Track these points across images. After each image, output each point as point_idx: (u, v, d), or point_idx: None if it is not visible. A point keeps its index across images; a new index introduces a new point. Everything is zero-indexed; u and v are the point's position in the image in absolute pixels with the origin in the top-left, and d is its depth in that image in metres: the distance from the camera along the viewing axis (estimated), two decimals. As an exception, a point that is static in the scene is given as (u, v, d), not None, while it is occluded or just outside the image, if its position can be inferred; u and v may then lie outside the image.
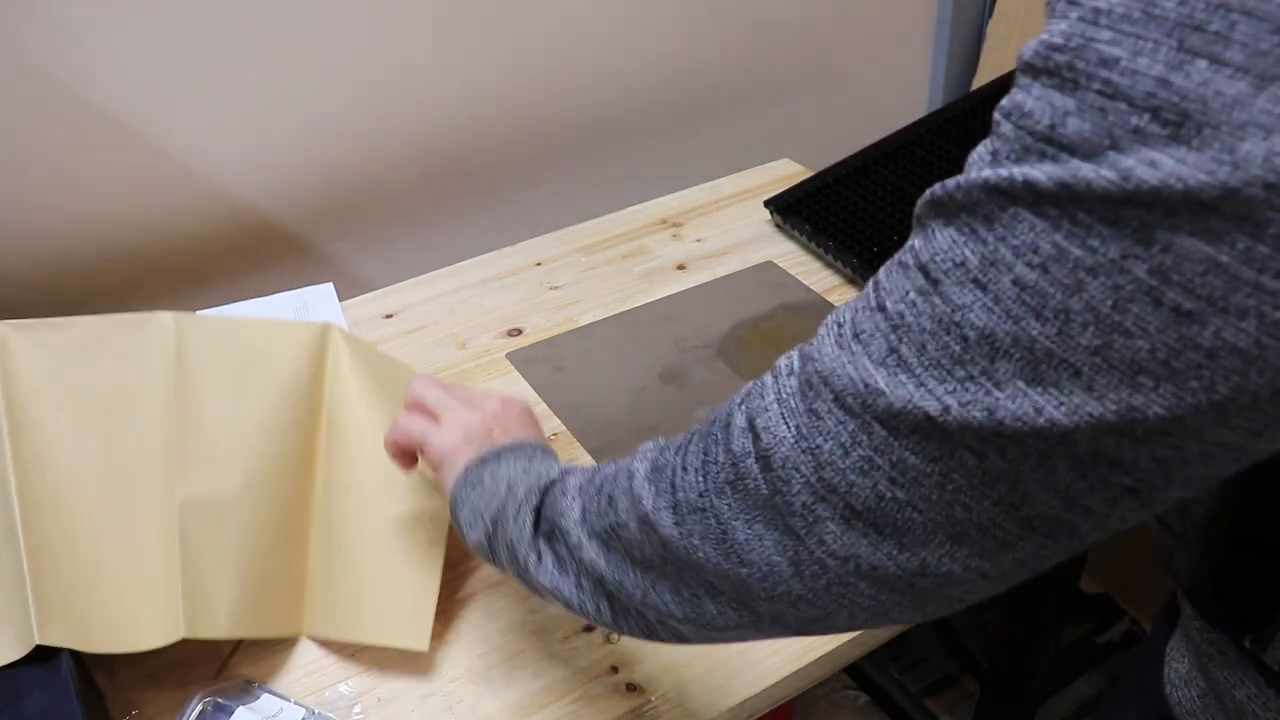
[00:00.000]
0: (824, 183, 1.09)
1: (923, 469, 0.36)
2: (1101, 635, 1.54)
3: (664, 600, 0.46)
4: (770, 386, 0.41)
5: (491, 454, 0.58)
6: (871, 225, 1.02)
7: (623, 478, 0.48)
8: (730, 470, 0.41)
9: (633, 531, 0.46)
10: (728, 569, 0.42)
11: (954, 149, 1.08)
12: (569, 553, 0.51)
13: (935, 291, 0.35)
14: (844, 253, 1.00)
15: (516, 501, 0.54)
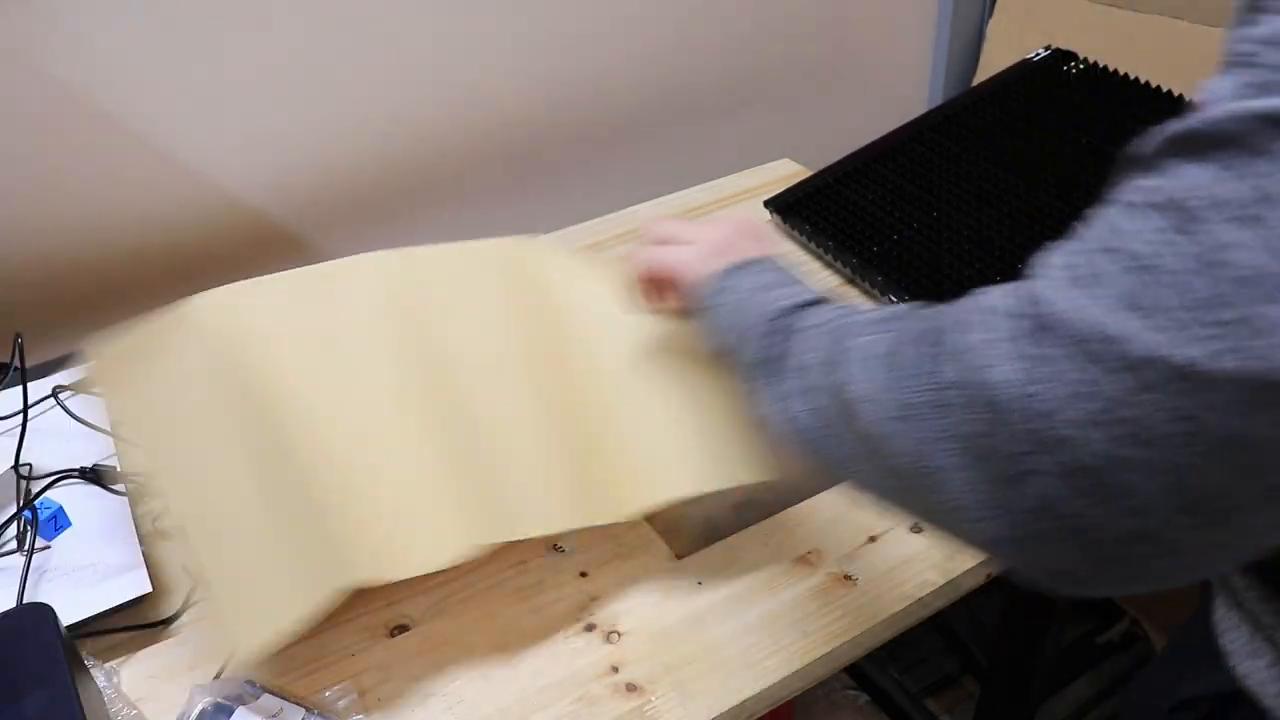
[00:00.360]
0: (823, 183, 1.09)
1: (1158, 419, 0.33)
2: (1101, 635, 1.54)
3: (861, 473, 0.46)
4: (1000, 326, 0.38)
5: (735, 267, 0.61)
6: (871, 225, 1.02)
7: (855, 338, 0.47)
8: (935, 395, 0.39)
9: (851, 401, 0.45)
10: (921, 486, 0.41)
11: (954, 146, 1.08)
12: (790, 390, 0.51)
13: (1192, 230, 0.32)
14: (843, 252, 1.00)
15: (753, 323, 0.56)
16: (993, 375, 0.37)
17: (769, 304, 0.57)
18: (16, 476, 0.76)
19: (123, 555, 0.71)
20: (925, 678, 1.51)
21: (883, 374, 0.43)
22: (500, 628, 0.69)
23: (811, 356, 0.50)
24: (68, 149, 0.98)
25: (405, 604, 0.71)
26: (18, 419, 0.78)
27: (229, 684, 0.63)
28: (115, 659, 0.67)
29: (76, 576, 0.70)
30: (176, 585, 0.72)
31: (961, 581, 0.72)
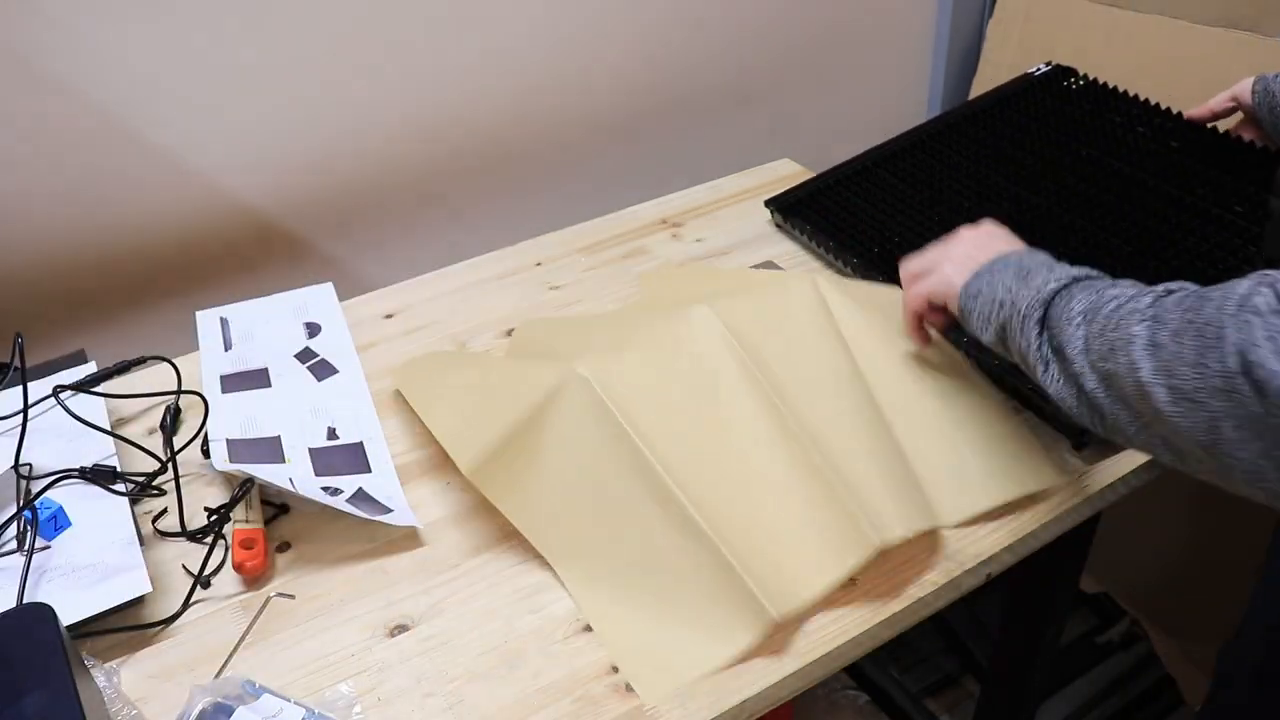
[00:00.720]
0: (825, 184, 1.10)
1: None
2: (1101, 635, 1.54)
3: (1152, 445, 0.55)
4: (1257, 325, 0.46)
5: (983, 268, 0.70)
6: (872, 226, 1.02)
7: (1124, 329, 0.55)
8: (1223, 381, 0.48)
9: (1129, 387, 0.54)
10: (1217, 452, 0.49)
11: (954, 154, 1.08)
12: (1071, 374, 0.60)
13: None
14: (844, 252, 1.00)
15: (1020, 314, 0.64)
16: (1261, 371, 0.45)
17: (1031, 295, 0.64)
18: (16, 476, 0.76)
19: (123, 555, 0.71)
20: (925, 678, 1.51)
21: (1169, 362, 0.51)
22: (500, 628, 0.69)
23: (1090, 344, 0.58)
24: (68, 149, 0.98)
25: (405, 604, 0.71)
26: (18, 419, 0.78)
27: (229, 684, 0.63)
28: (115, 659, 0.67)
29: (76, 576, 0.70)
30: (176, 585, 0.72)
31: (961, 581, 0.72)
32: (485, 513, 0.77)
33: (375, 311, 1.00)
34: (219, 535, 0.75)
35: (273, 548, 0.75)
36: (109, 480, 0.77)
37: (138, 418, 0.88)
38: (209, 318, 0.95)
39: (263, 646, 0.68)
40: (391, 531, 0.76)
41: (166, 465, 0.80)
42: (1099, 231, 0.93)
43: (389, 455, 0.82)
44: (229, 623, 0.70)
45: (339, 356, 0.92)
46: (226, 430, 0.81)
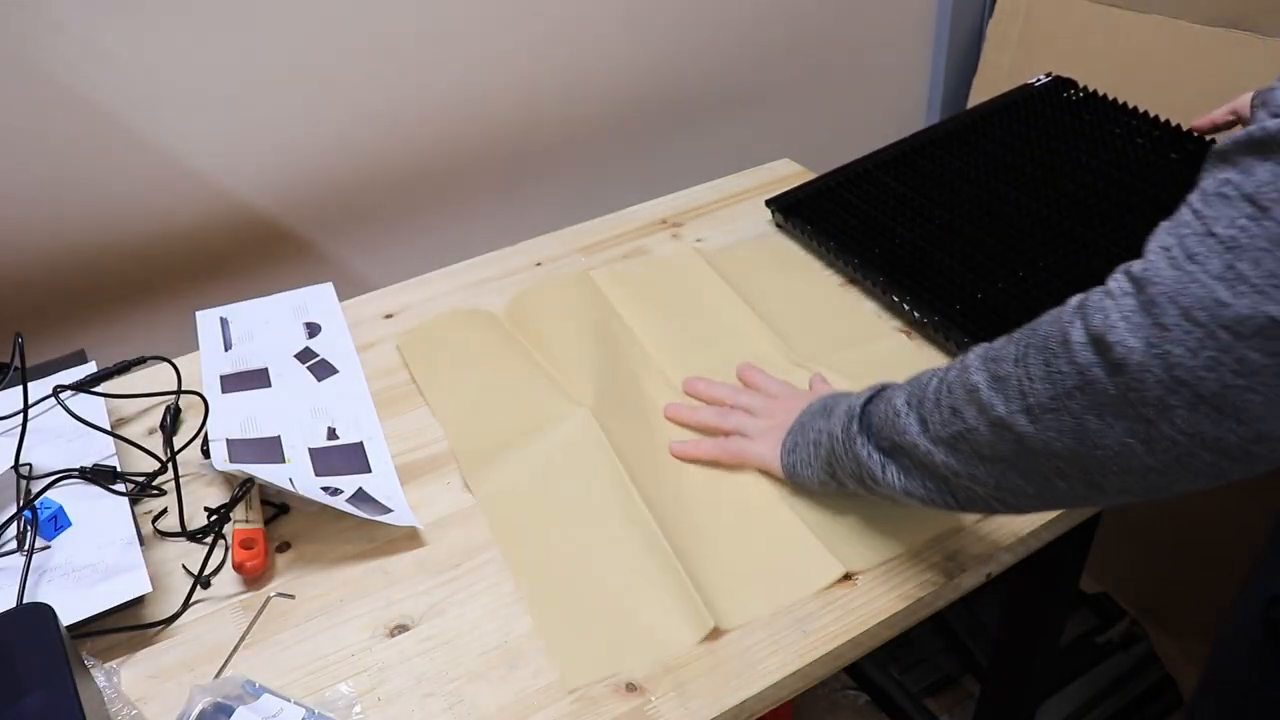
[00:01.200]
0: (825, 186, 1.10)
1: (1263, 362, 0.44)
2: (1101, 635, 1.54)
3: (1015, 484, 0.56)
4: (1111, 308, 0.48)
5: (793, 427, 0.75)
6: (873, 228, 1.02)
7: (959, 390, 0.58)
8: (1077, 378, 0.50)
9: (984, 435, 0.56)
10: (1083, 452, 0.51)
11: (954, 160, 1.08)
12: (915, 462, 0.62)
13: (1265, 217, 0.44)
14: (845, 252, 1.00)
15: (840, 438, 0.68)
16: (1119, 349, 0.47)
17: (843, 417, 0.68)
18: (16, 476, 0.76)
19: (123, 555, 0.71)
20: (925, 678, 1.51)
21: (1019, 387, 0.53)
22: (500, 628, 0.69)
23: (929, 421, 0.60)
24: (68, 149, 0.98)
25: (405, 604, 0.71)
26: (18, 419, 0.78)
27: (229, 684, 0.63)
28: (115, 659, 0.67)
29: (76, 576, 0.70)
30: (176, 585, 0.72)
31: (961, 581, 0.72)
32: (486, 513, 0.77)
33: (375, 311, 1.00)
34: (219, 535, 0.75)
35: (273, 548, 0.75)
36: (109, 480, 0.77)
37: (138, 418, 0.88)
38: (209, 318, 0.96)
39: (263, 646, 0.68)
40: (391, 531, 0.76)
41: (166, 465, 0.80)
42: (1098, 239, 0.93)
43: (389, 455, 0.82)
44: (229, 623, 0.70)
45: (339, 356, 0.92)
46: (226, 430, 0.81)
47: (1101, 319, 0.49)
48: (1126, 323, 0.47)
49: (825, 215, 1.06)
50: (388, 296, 1.02)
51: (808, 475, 0.73)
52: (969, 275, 0.94)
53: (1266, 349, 0.43)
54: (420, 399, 0.89)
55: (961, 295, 0.92)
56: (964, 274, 0.94)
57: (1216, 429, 0.46)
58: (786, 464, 0.75)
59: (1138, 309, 0.47)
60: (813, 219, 1.06)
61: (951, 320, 0.90)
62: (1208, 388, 0.45)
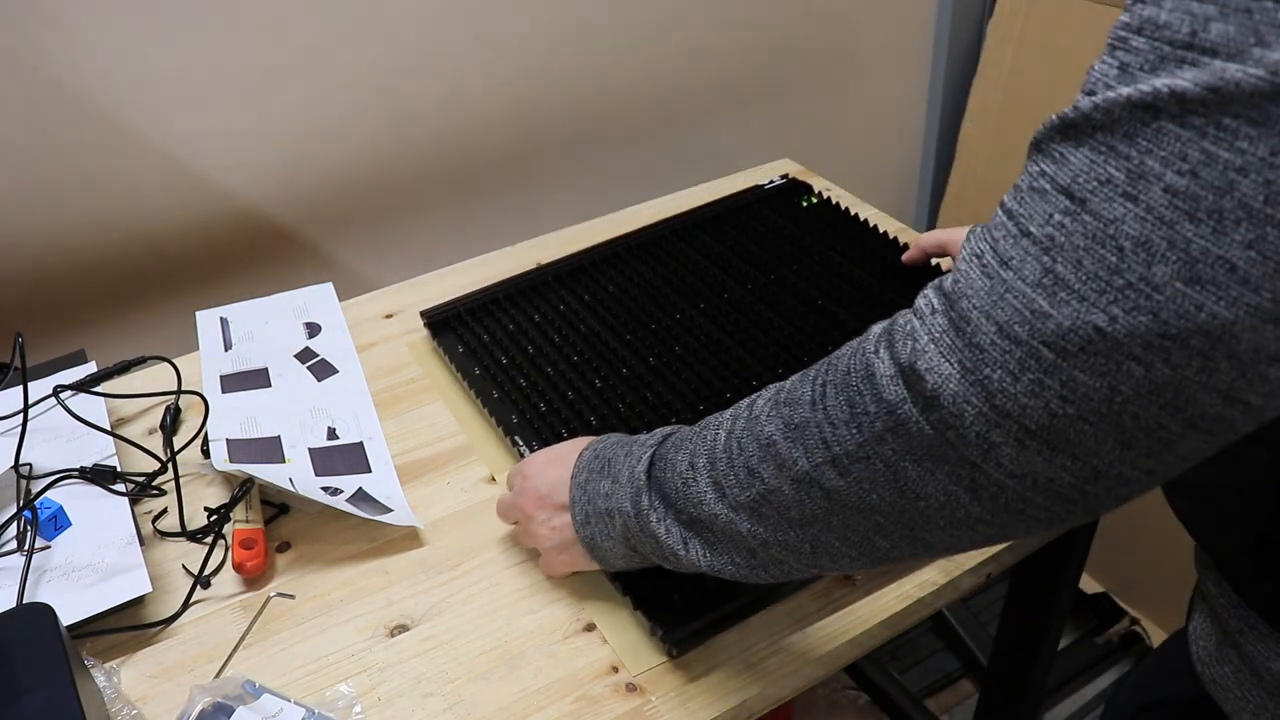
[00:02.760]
0: (492, 297, 0.97)
1: (1092, 384, 0.37)
2: (1101, 635, 1.54)
3: (832, 547, 0.48)
4: (920, 329, 0.42)
5: (575, 495, 0.64)
6: (523, 353, 0.90)
7: (752, 444, 0.50)
8: (887, 418, 0.43)
9: (788, 494, 0.48)
10: (903, 504, 0.44)
11: (647, 272, 0.97)
12: (718, 533, 0.53)
13: (1083, 210, 0.36)
14: (484, 384, 0.87)
15: (630, 512, 0.58)
16: (931, 378, 0.40)
17: (628, 485, 0.59)
18: (16, 476, 0.76)
19: (123, 555, 0.71)
20: (925, 678, 1.51)
21: (820, 434, 0.46)
22: (500, 628, 0.69)
23: (723, 485, 0.52)
24: (68, 149, 0.98)
25: (405, 604, 0.71)
26: (18, 419, 0.78)
27: (229, 684, 0.63)
28: (115, 659, 0.67)
29: (76, 576, 0.70)
30: (176, 585, 0.72)
31: (961, 581, 0.72)
32: (485, 513, 0.77)
33: (375, 311, 1.00)
34: (219, 535, 0.75)
35: (273, 548, 0.75)
36: (109, 480, 0.77)
37: (138, 418, 0.88)
38: (209, 318, 0.96)
39: (263, 646, 0.68)
40: (391, 531, 0.76)
41: (166, 465, 0.80)
42: (758, 359, 0.85)
43: (389, 455, 0.82)
44: (229, 623, 0.70)
45: (339, 356, 0.92)
46: (226, 430, 0.81)
47: (909, 346, 0.42)
48: (936, 346, 0.40)
49: (481, 333, 0.93)
50: (388, 296, 1.02)
51: (609, 549, 0.62)
52: (612, 419, 0.81)
53: (1094, 368, 0.36)
54: (420, 399, 0.89)
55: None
56: (609, 418, 0.81)
57: (1049, 468, 0.39)
58: (584, 539, 0.63)
59: (949, 328, 0.40)
60: (466, 338, 0.93)
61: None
62: (1033, 418, 0.38)
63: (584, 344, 0.89)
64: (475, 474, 0.81)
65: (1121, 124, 0.36)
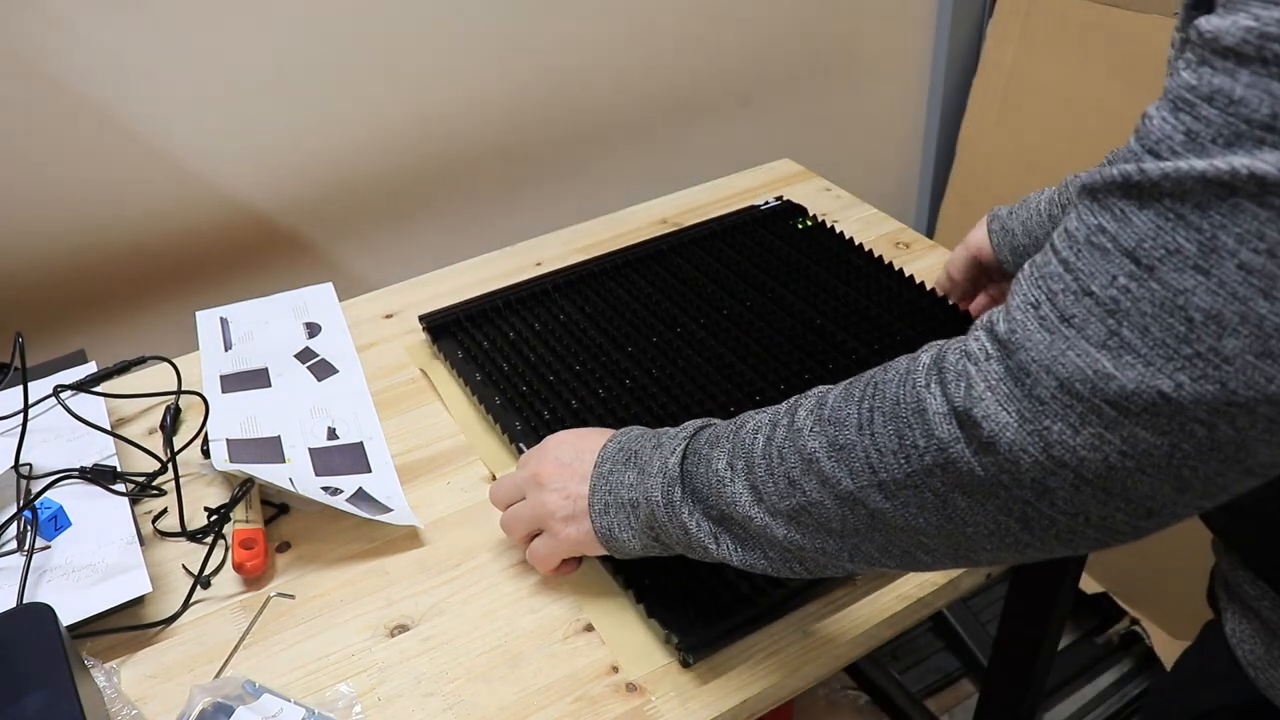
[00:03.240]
0: (493, 304, 0.97)
1: (1153, 441, 0.38)
2: (1101, 635, 1.54)
3: (871, 556, 0.49)
4: (975, 375, 0.42)
5: (596, 484, 0.63)
6: (525, 360, 0.90)
7: (794, 456, 0.50)
8: (937, 454, 0.43)
9: (829, 508, 0.49)
10: (950, 529, 0.44)
11: (646, 285, 0.97)
12: (751, 534, 0.54)
13: (1151, 277, 0.37)
14: (487, 389, 0.87)
15: (660, 503, 0.58)
16: (988, 425, 0.41)
17: (659, 477, 0.59)
18: (16, 476, 0.76)
19: (123, 555, 0.71)
20: (925, 678, 1.51)
21: (867, 459, 0.46)
22: (500, 628, 0.69)
23: (762, 491, 0.52)
24: (68, 149, 0.98)
25: (405, 604, 0.71)
26: (18, 419, 0.78)
27: (229, 684, 0.63)
28: (115, 659, 0.67)
29: (76, 576, 0.70)
30: (176, 585, 0.72)
31: (961, 581, 0.72)
32: (485, 513, 0.77)
33: (375, 311, 1.00)
34: (219, 535, 0.75)
35: (273, 548, 0.75)
36: (109, 480, 0.77)
37: (138, 418, 0.88)
38: (209, 318, 0.96)
39: (263, 646, 0.68)
40: (391, 531, 0.76)
41: (166, 465, 0.80)
42: (757, 374, 0.85)
43: (389, 455, 0.82)
44: (229, 623, 0.70)
45: (339, 356, 0.92)
46: (226, 430, 0.81)
47: (964, 389, 0.42)
48: (994, 394, 0.41)
49: (481, 339, 0.93)
50: (388, 296, 1.02)
51: (627, 539, 0.62)
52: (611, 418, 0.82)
53: (1157, 427, 0.37)
54: (420, 399, 0.89)
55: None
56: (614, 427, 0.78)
57: (1103, 509, 0.40)
58: (600, 528, 0.63)
59: (1005, 377, 0.41)
60: (466, 344, 0.92)
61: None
62: (1091, 468, 0.39)
63: (586, 354, 0.90)
64: (475, 474, 0.81)
65: (1193, 195, 0.36)
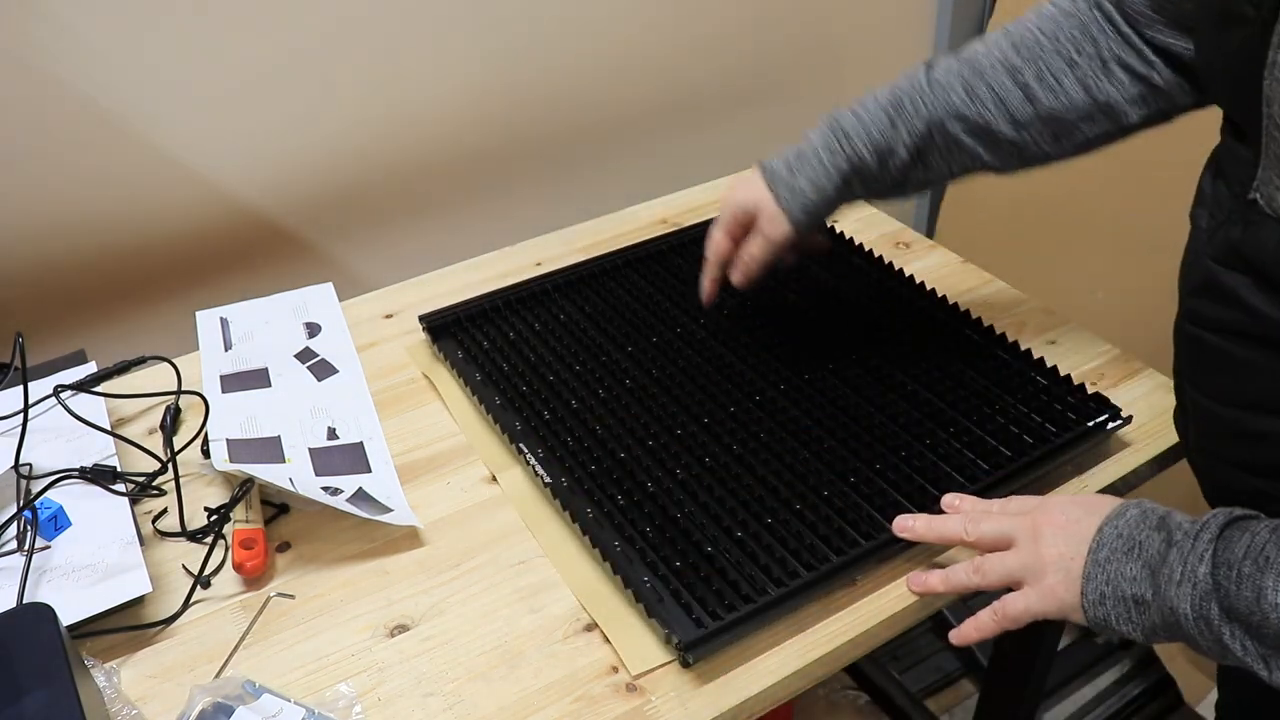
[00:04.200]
0: (490, 305, 0.97)
1: None
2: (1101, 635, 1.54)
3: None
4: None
5: (1090, 571, 0.59)
6: (526, 360, 0.90)
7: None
8: None
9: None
10: None
11: (646, 285, 0.98)
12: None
13: None
14: (487, 389, 0.87)
15: (1187, 618, 0.54)
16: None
17: (1182, 598, 0.55)
18: (16, 476, 0.76)
19: (123, 555, 0.71)
20: (925, 678, 1.51)
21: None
22: (500, 628, 0.69)
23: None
24: (68, 149, 0.98)
25: (405, 604, 0.71)
26: (18, 419, 0.78)
27: (229, 684, 0.63)
28: (115, 659, 0.67)
29: (76, 576, 0.70)
30: (176, 585, 0.72)
31: (962, 581, 0.72)
32: (485, 513, 0.77)
33: (375, 311, 1.00)
34: (219, 535, 0.75)
35: (273, 548, 0.75)
36: (109, 480, 0.77)
37: (138, 418, 0.88)
38: (209, 318, 0.96)
39: (263, 646, 0.68)
40: (391, 531, 0.76)
41: (166, 465, 0.80)
42: (778, 398, 0.84)
43: (389, 455, 0.82)
44: (229, 623, 0.70)
45: (339, 356, 0.92)
46: (226, 430, 0.81)
47: None
48: None
49: (482, 339, 0.93)
50: (388, 296, 1.02)
51: (1128, 631, 0.59)
52: (618, 429, 0.81)
53: None
54: (420, 399, 0.89)
55: (601, 453, 0.79)
56: (613, 428, 0.82)
57: None
58: (1094, 618, 0.60)
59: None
60: (466, 344, 0.92)
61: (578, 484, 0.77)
62: None
63: (586, 354, 0.90)
64: (475, 474, 0.81)
65: None
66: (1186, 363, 0.66)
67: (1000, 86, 0.73)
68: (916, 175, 0.78)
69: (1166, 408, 0.82)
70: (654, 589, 0.68)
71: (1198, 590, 0.54)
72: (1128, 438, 0.81)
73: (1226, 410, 0.62)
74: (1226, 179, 0.60)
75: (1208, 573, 0.54)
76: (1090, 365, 0.89)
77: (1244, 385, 0.60)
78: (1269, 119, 0.53)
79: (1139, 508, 0.61)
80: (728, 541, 0.71)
